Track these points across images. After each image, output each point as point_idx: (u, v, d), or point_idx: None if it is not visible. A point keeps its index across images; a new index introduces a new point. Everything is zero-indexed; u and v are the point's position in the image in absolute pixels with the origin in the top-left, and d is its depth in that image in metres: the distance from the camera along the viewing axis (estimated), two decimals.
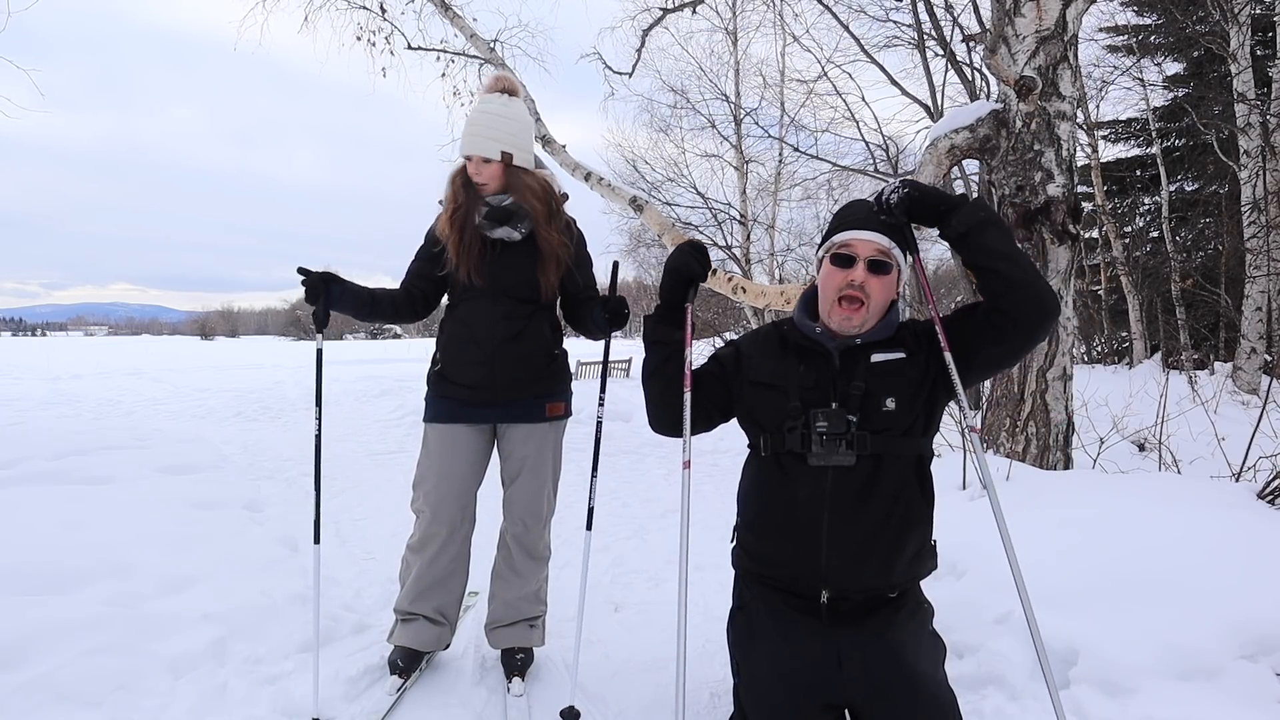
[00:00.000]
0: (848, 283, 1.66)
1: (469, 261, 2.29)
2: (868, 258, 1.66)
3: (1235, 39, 9.36)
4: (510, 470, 2.42)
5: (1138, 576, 2.22)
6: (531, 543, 2.42)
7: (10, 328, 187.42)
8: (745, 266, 14.67)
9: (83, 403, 11.40)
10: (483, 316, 2.30)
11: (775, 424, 1.70)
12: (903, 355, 1.69)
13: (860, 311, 1.66)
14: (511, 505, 2.43)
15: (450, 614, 2.41)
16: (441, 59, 7.71)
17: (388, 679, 2.27)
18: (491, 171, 2.29)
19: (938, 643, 1.71)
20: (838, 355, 1.69)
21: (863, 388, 1.65)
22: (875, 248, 1.67)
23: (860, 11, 12.07)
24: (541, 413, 2.39)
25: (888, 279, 1.68)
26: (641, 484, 5.49)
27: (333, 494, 4.95)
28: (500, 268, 2.31)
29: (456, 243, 2.30)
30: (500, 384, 2.32)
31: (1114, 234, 13.48)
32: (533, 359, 2.35)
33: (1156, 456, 4.75)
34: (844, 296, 1.66)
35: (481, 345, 2.30)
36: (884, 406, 1.64)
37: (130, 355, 33.07)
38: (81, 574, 2.64)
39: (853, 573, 1.61)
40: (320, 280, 2.17)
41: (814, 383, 1.68)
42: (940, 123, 4.34)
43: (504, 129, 2.30)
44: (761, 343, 1.83)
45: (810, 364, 1.71)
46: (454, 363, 2.34)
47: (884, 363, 1.68)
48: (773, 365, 1.75)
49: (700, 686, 2.28)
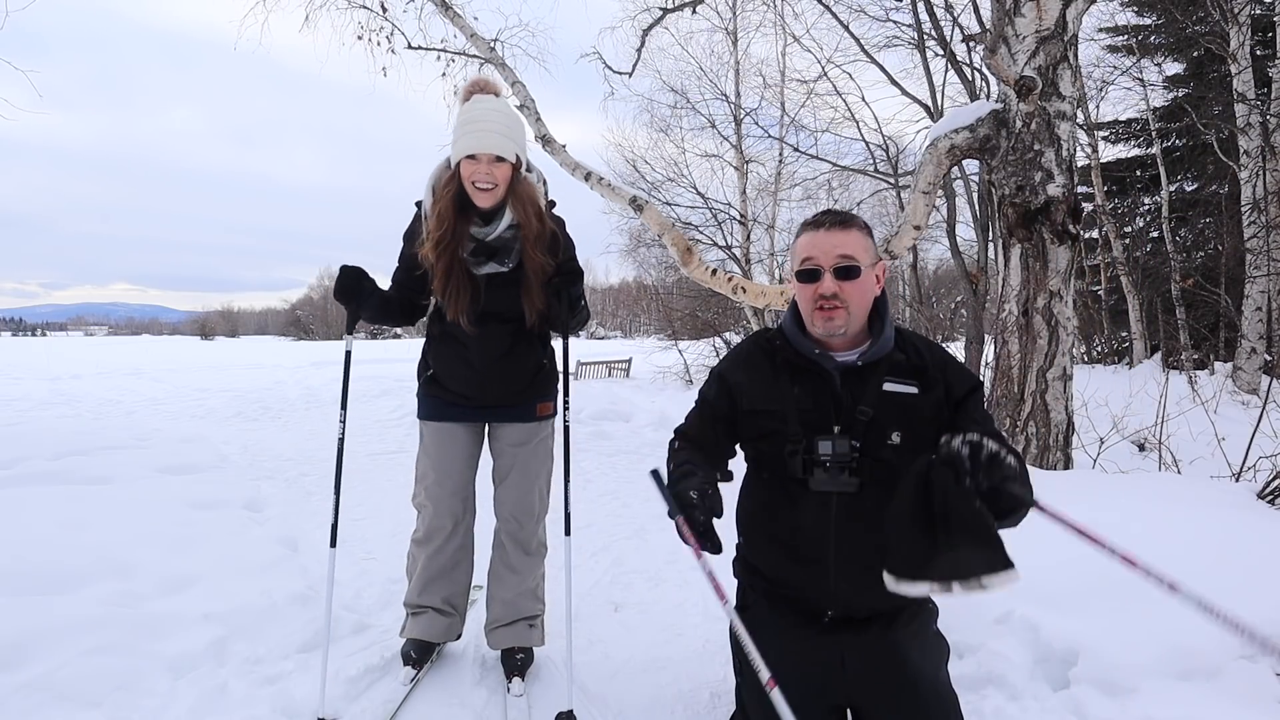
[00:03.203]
0: (818, 296, 1.59)
1: (457, 304, 2.18)
2: (832, 267, 1.58)
3: (1235, 39, 9.36)
4: (502, 468, 2.42)
5: (1138, 577, 2.22)
6: (526, 539, 2.42)
7: (10, 328, 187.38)
8: (745, 266, 14.67)
9: (83, 403, 11.39)
10: (474, 344, 2.26)
11: (775, 448, 1.64)
12: (916, 390, 1.61)
13: (840, 313, 1.59)
14: (503, 503, 2.42)
15: (459, 604, 2.45)
16: (442, 58, 7.72)
17: (400, 670, 2.30)
18: (503, 173, 2.14)
19: (940, 643, 1.71)
20: (839, 376, 1.62)
21: (869, 414, 1.58)
22: (837, 254, 1.58)
23: (860, 11, 12.09)
24: (533, 413, 2.39)
25: (860, 282, 1.59)
26: (642, 484, 5.48)
27: (332, 493, 4.95)
28: (489, 303, 2.23)
29: (443, 281, 2.17)
30: (491, 395, 2.33)
31: (1114, 234, 13.49)
32: (523, 372, 2.34)
33: (1156, 456, 4.76)
34: (819, 307, 1.60)
35: (472, 364, 2.28)
36: (889, 439, 1.58)
37: (130, 355, 33.05)
38: (81, 574, 2.64)
39: (861, 595, 1.59)
40: (355, 278, 2.15)
41: (813, 405, 1.62)
42: (940, 123, 4.34)
43: (516, 130, 2.17)
44: (747, 367, 1.72)
45: (807, 385, 1.64)
46: (446, 374, 2.33)
47: (896, 394, 1.61)
48: (766, 390, 1.67)
49: (700, 687, 2.28)
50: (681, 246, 6.13)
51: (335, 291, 2.17)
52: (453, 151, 2.17)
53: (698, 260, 6.16)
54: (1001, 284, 4.18)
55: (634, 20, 8.81)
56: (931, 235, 15.53)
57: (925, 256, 20.83)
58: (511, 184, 2.17)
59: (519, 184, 2.19)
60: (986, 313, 10.30)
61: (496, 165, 2.12)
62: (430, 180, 2.23)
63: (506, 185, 2.16)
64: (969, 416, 1.61)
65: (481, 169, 2.11)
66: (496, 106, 2.18)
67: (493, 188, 2.14)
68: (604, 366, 20.47)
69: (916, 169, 4.40)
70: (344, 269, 2.15)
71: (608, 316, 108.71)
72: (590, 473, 5.93)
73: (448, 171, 2.19)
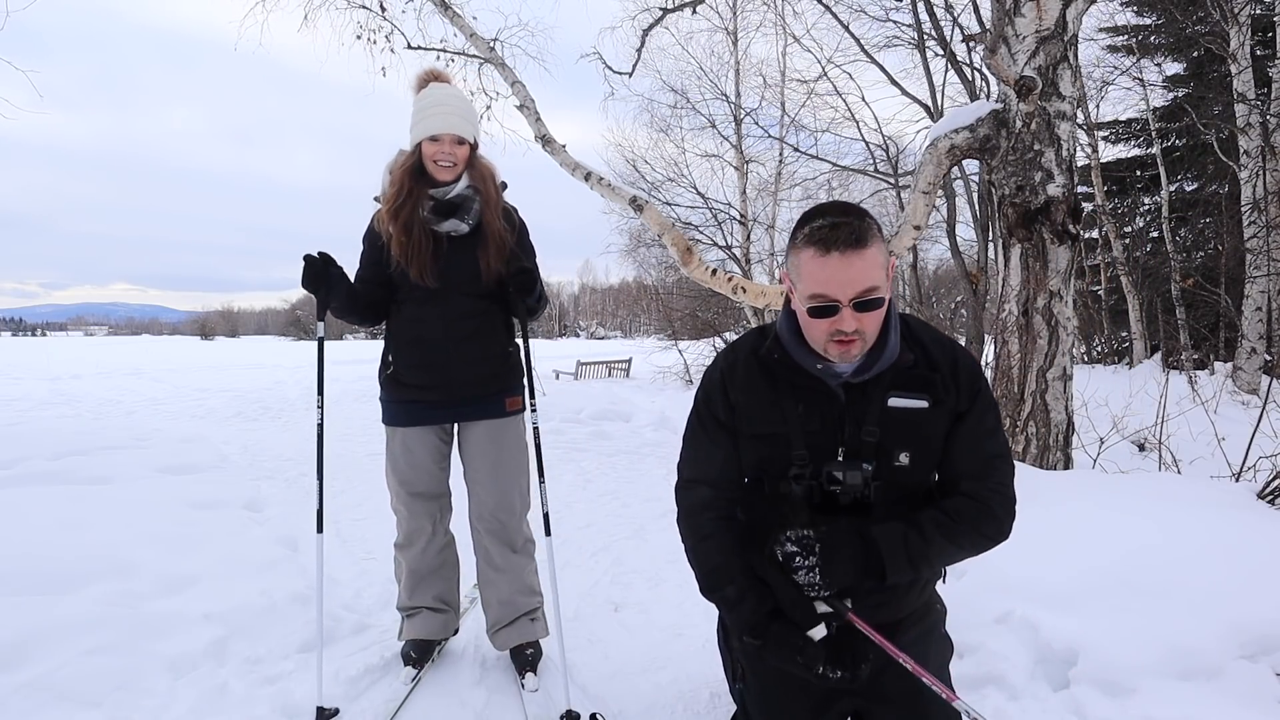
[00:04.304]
0: (835, 330, 1.39)
1: (419, 260, 2.19)
2: (852, 301, 1.36)
3: (1235, 39, 9.36)
4: (476, 470, 2.37)
5: (1138, 576, 2.22)
6: (511, 537, 2.38)
7: (10, 328, 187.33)
8: (745, 266, 14.68)
9: (83, 403, 11.41)
10: (436, 316, 2.24)
11: (779, 470, 1.50)
12: (925, 404, 1.46)
13: (858, 344, 1.41)
14: (483, 503, 2.36)
15: (451, 599, 2.45)
16: (441, 58, 7.70)
17: (401, 670, 2.31)
18: (463, 154, 2.23)
19: (946, 646, 1.68)
20: (843, 393, 1.48)
21: (877, 434, 1.45)
22: (857, 287, 1.35)
23: (860, 11, 12.12)
24: (501, 408, 2.34)
25: (880, 311, 1.40)
26: (642, 484, 5.49)
27: (333, 494, 4.95)
28: (450, 265, 2.23)
29: (403, 240, 2.19)
30: (456, 382, 2.27)
31: (1114, 234, 13.49)
32: (488, 357, 2.30)
33: (1156, 456, 4.76)
34: (836, 340, 1.41)
35: (436, 346, 2.24)
36: (896, 461, 1.46)
37: (130, 355, 33.06)
38: (81, 574, 2.64)
39: (869, 612, 1.53)
40: (322, 263, 2.14)
41: (819, 425, 1.48)
42: (940, 123, 4.34)
43: (471, 113, 2.29)
44: (745, 384, 1.55)
45: (811, 403, 1.49)
46: (407, 364, 2.29)
47: (903, 410, 1.46)
48: (767, 411, 1.51)
49: (700, 687, 2.28)
50: (681, 246, 6.13)
51: (303, 281, 2.15)
52: (413, 134, 2.25)
53: (698, 260, 6.16)
54: (1001, 284, 4.18)
55: (634, 20, 8.80)
56: (931, 235, 15.56)
57: (925, 256, 20.87)
58: (470, 161, 2.28)
59: (477, 160, 2.30)
60: (986, 313, 10.31)
61: (457, 146, 2.22)
62: (387, 166, 2.30)
63: (465, 164, 2.26)
64: (962, 440, 1.50)
65: (444, 149, 2.21)
66: (454, 93, 2.30)
67: (453, 165, 2.23)
68: (604, 366, 20.47)
69: (916, 169, 4.40)
70: (307, 258, 2.13)
71: (608, 316, 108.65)
72: (590, 473, 5.93)
73: (405, 154, 2.28)
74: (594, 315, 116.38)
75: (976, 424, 1.50)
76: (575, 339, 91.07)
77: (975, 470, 1.51)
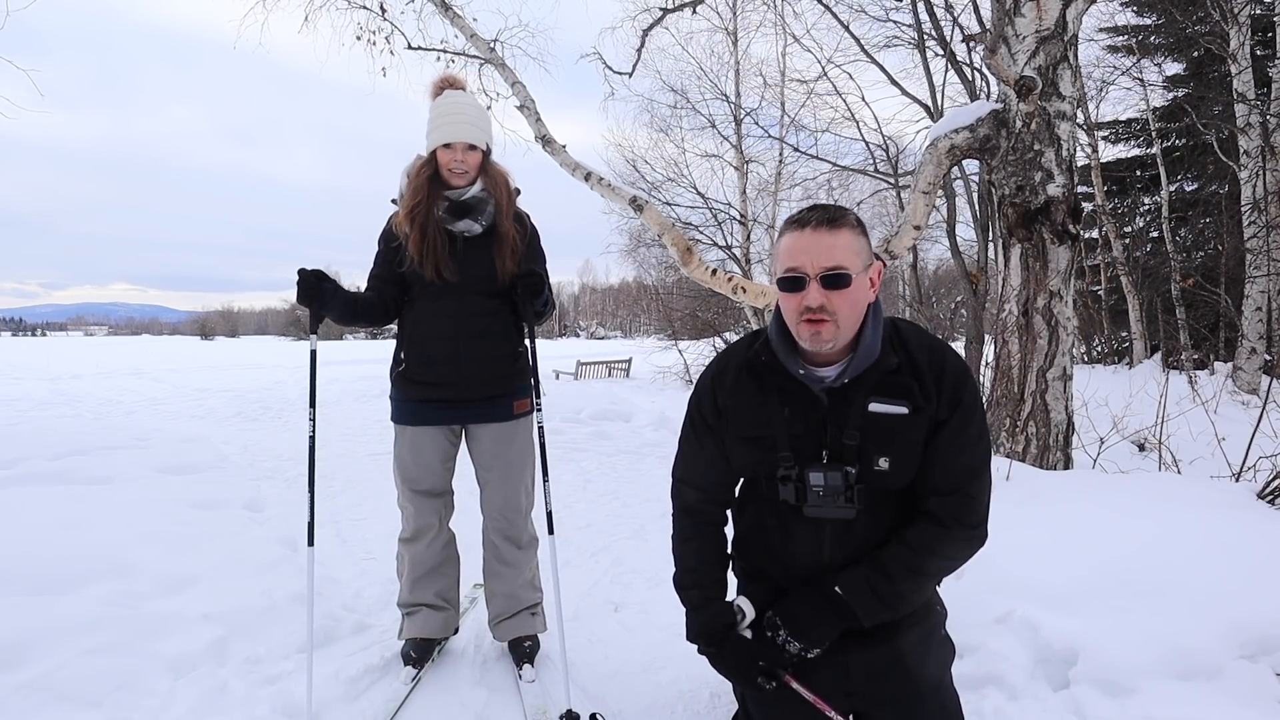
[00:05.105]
0: (804, 307, 1.43)
1: (435, 257, 2.26)
2: (819, 275, 1.41)
3: (1235, 39, 9.37)
4: (486, 471, 2.44)
5: (1138, 576, 2.22)
6: (515, 534, 2.46)
7: (10, 328, 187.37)
8: (745, 266, 14.67)
9: (83, 403, 11.41)
10: (448, 313, 2.30)
11: (767, 473, 1.56)
12: (905, 411, 1.47)
13: (828, 326, 1.43)
14: (491, 503, 2.45)
15: (451, 597, 2.48)
16: (441, 59, 7.70)
17: (401, 670, 2.33)
18: (475, 160, 2.30)
19: (946, 647, 1.67)
20: (825, 397, 1.50)
21: (858, 437, 1.48)
22: (825, 261, 1.41)
23: (860, 11, 12.08)
24: (510, 411, 2.40)
25: (851, 291, 1.42)
26: (642, 484, 5.49)
27: (333, 494, 4.96)
28: (465, 263, 2.30)
29: (418, 240, 2.26)
30: (466, 380, 2.32)
31: (1114, 234, 13.50)
32: (498, 356, 2.35)
33: (1156, 456, 4.76)
34: (805, 319, 1.44)
35: (448, 342, 2.29)
36: (876, 465, 1.47)
37: (130, 355, 33.07)
38: (81, 574, 2.64)
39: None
40: (315, 279, 2.17)
41: (803, 429, 1.51)
42: (940, 123, 4.34)
43: (484, 120, 2.34)
44: (734, 388, 1.59)
45: (796, 407, 1.52)
46: (419, 361, 2.34)
47: (883, 416, 1.47)
48: (755, 415, 1.56)
49: (700, 687, 2.28)
50: (681, 246, 6.13)
51: (298, 296, 2.19)
52: (428, 141, 2.32)
53: (698, 260, 6.16)
54: (1001, 284, 4.18)
55: (634, 20, 8.81)
56: (931, 235, 15.54)
57: (925, 256, 20.83)
58: (483, 167, 2.34)
59: (490, 166, 2.36)
60: (986, 313, 10.30)
61: (469, 152, 2.29)
62: (405, 170, 2.38)
63: (478, 170, 2.32)
64: (939, 449, 1.49)
65: (456, 155, 2.28)
66: (467, 100, 2.35)
67: (466, 172, 2.30)
68: (604, 366, 20.47)
69: (916, 169, 4.40)
70: (301, 273, 2.17)
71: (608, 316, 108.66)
72: (590, 473, 5.93)
73: (422, 161, 2.35)
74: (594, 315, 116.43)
75: (955, 434, 1.49)
76: (575, 339, 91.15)
77: (945, 485, 1.50)
